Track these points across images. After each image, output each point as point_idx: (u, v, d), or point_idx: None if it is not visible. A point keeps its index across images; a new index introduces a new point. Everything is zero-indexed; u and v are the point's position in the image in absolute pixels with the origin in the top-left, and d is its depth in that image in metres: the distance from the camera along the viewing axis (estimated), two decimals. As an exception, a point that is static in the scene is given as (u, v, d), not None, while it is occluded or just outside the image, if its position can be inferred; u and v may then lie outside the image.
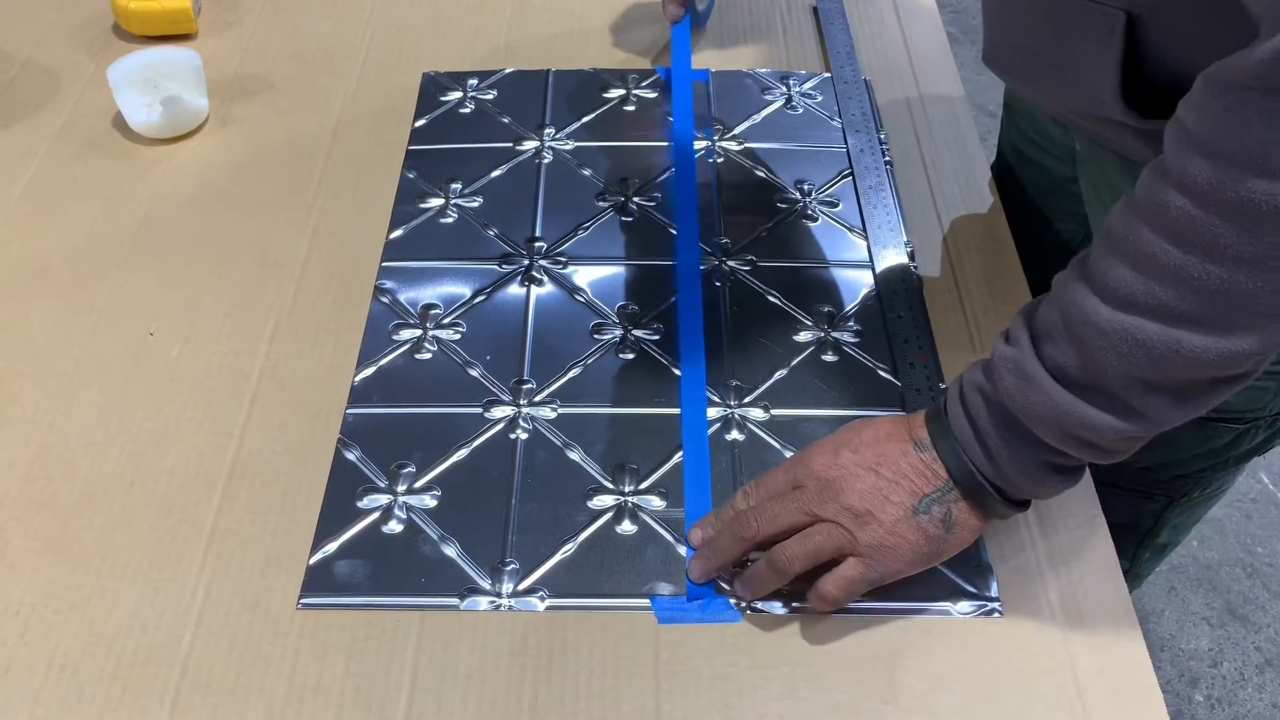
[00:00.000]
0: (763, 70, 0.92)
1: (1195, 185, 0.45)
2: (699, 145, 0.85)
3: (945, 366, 0.69)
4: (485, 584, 0.59)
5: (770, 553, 0.57)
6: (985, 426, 0.54)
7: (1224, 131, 0.44)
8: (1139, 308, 0.48)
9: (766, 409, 0.67)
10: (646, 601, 0.58)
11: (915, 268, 0.76)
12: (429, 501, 0.62)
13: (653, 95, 0.90)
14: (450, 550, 0.60)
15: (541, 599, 0.58)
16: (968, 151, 0.86)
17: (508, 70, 0.92)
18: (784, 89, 0.90)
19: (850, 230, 0.79)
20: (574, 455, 0.65)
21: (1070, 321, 0.50)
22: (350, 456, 0.64)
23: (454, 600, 0.58)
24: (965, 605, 0.58)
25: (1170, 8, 0.57)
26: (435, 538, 0.61)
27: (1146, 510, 0.88)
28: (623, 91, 0.90)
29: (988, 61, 0.73)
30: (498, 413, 0.67)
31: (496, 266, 0.75)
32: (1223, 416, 0.76)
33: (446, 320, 0.72)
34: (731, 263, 0.76)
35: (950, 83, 0.92)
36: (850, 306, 0.73)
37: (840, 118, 0.88)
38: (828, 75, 0.92)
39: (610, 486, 0.63)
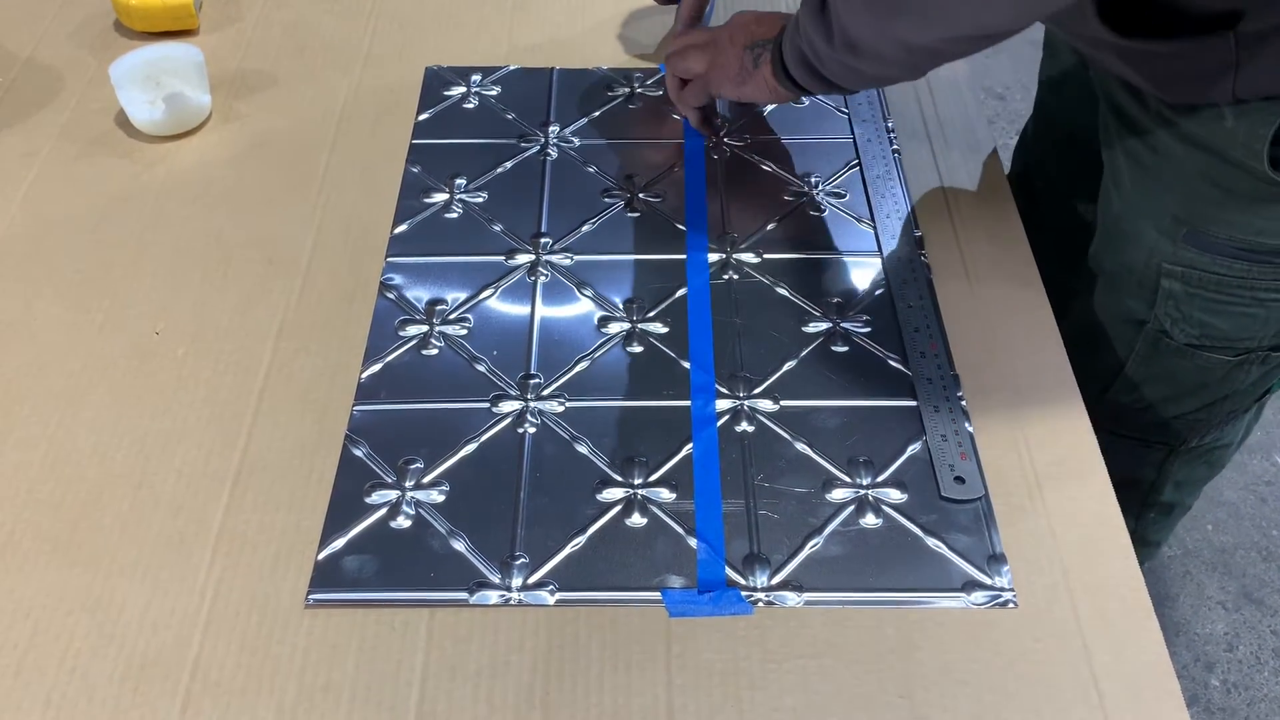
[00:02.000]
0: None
1: None
2: (705, 141, 0.85)
3: (956, 355, 0.69)
4: (495, 578, 0.59)
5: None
6: (796, 15, 0.70)
7: None
8: None
9: (776, 400, 0.67)
10: (657, 594, 0.58)
11: (924, 256, 0.75)
12: (437, 496, 0.62)
13: (658, 93, 0.89)
14: (459, 545, 0.60)
15: (551, 592, 0.58)
16: (976, 137, 0.85)
17: (511, 67, 0.91)
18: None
19: (858, 220, 0.78)
20: (582, 449, 0.64)
21: None
22: (358, 453, 0.64)
23: (463, 594, 0.58)
24: (979, 595, 0.58)
25: None
26: (444, 532, 0.60)
27: (1147, 461, 0.90)
28: (627, 90, 0.89)
29: None
30: (505, 407, 0.66)
31: (503, 261, 0.75)
32: (1213, 345, 0.77)
33: (453, 316, 0.72)
34: (739, 256, 0.75)
35: (957, 67, 0.91)
36: (859, 297, 0.73)
37: (847, 107, 0.87)
38: (833, 62, 0.91)
39: (619, 479, 0.63)
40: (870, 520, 0.61)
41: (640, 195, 0.80)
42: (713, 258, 0.75)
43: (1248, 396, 0.82)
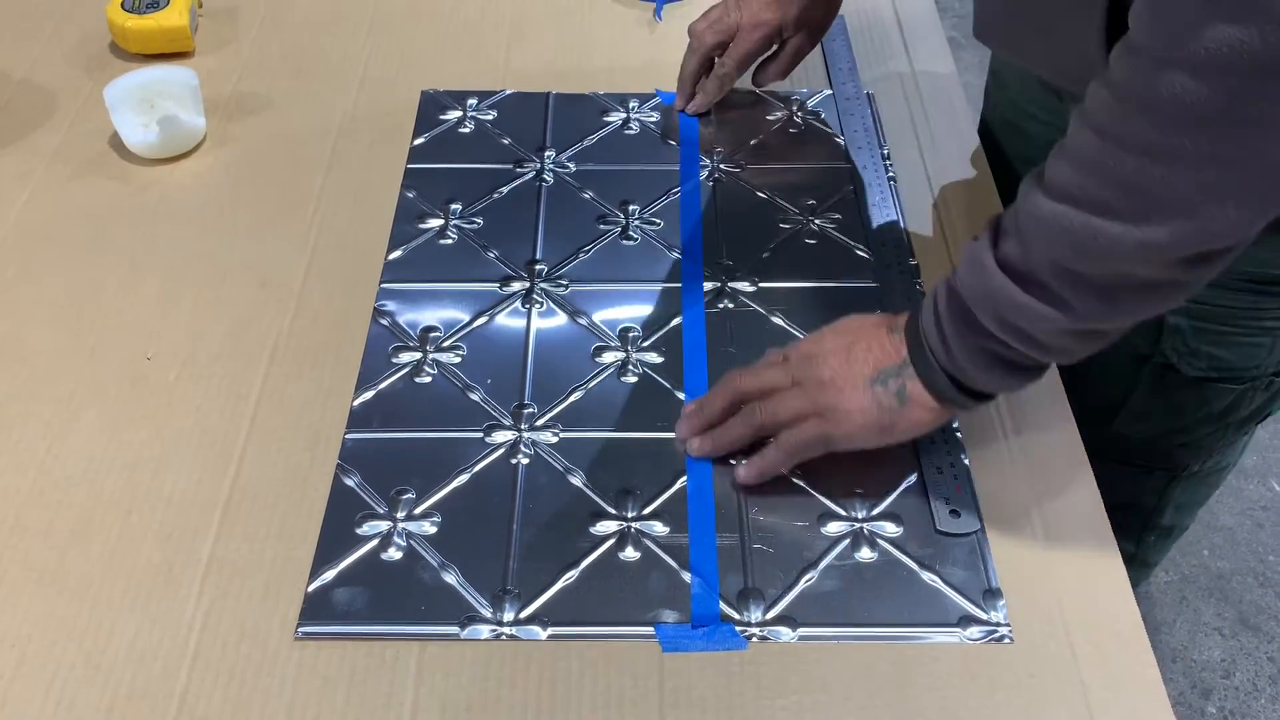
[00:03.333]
0: (765, 89, 0.91)
1: (1115, 79, 0.48)
2: (701, 168, 0.84)
3: (952, 386, 0.68)
4: (486, 612, 0.58)
5: (745, 407, 0.64)
6: (943, 312, 0.58)
7: (1142, 26, 0.47)
8: (1068, 198, 0.51)
9: (771, 431, 0.66)
10: (650, 629, 0.57)
11: (920, 285, 0.75)
12: (429, 528, 0.62)
13: (654, 118, 0.89)
14: (450, 578, 0.59)
15: (543, 627, 0.57)
16: (972, 166, 0.85)
17: (507, 92, 0.91)
18: (785, 109, 0.90)
19: (855, 248, 0.78)
20: (576, 480, 0.64)
21: (1019, 214, 0.54)
22: (349, 482, 0.64)
23: (454, 629, 0.57)
24: (975, 631, 0.57)
25: None
26: (435, 565, 0.60)
27: (1149, 487, 0.89)
28: (623, 115, 0.89)
29: (978, 35, 0.74)
30: (499, 437, 0.66)
31: (497, 289, 0.75)
32: (1220, 376, 0.77)
33: (447, 343, 0.71)
34: (735, 284, 0.75)
35: (953, 92, 0.91)
36: (855, 325, 0.72)
37: (843, 134, 0.87)
38: (830, 92, 0.91)
39: (613, 512, 0.62)
40: (865, 554, 0.61)
41: (636, 222, 0.80)
42: (708, 286, 0.75)
43: (1250, 420, 0.83)
